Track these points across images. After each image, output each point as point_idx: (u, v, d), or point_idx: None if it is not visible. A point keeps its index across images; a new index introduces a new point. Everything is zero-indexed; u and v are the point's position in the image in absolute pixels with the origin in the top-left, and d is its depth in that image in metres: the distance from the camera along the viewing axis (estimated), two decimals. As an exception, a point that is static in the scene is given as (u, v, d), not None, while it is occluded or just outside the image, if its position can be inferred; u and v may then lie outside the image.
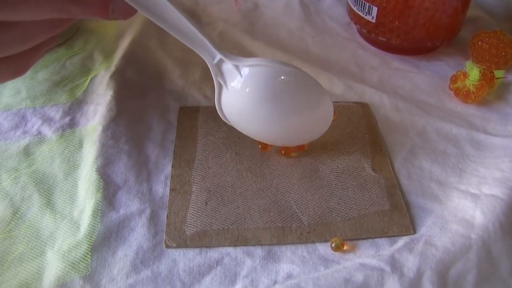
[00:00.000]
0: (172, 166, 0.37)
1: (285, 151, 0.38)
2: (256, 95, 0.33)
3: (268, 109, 0.34)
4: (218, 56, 0.33)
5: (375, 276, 0.29)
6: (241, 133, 0.36)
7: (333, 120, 0.36)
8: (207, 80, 0.34)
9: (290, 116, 0.34)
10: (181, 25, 0.32)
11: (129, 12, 0.32)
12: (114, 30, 0.51)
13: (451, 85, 0.45)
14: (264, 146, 0.38)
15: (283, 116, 0.34)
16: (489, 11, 0.58)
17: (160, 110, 0.42)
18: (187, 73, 0.46)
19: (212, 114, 0.41)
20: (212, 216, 0.33)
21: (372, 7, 0.47)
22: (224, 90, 0.34)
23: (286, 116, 0.34)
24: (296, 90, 0.34)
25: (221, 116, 0.35)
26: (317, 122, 0.36)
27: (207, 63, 0.33)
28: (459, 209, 0.34)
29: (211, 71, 0.34)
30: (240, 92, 0.33)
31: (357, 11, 0.49)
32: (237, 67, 0.33)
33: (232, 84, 0.33)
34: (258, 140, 0.37)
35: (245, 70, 0.33)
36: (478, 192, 0.35)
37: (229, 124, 0.36)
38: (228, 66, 0.33)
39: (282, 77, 0.33)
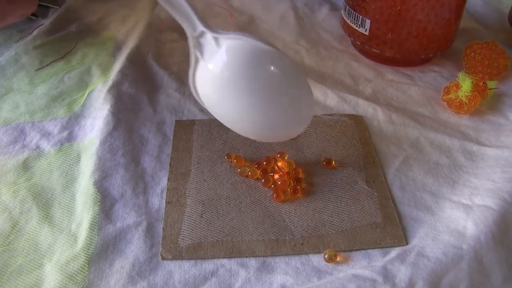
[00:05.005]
0: (168, 179, 0.37)
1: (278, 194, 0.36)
2: (231, 69, 0.32)
3: (242, 87, 0.33)
4: (200, 28, 0.33)
5: (367, 287, 0.30)
6: (235, 145, 0.36)
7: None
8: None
9: (264, 96, 0.33)
10: None
11: None
12: (112, 44, 0.52)
13: (444, 96, 0.45)
14: (266, 182, 0.37)
15: (257, 96, 0.33)
16: (482, 21, 0.58)
17: (157, 124, 0.43)
18: (183, 86, 0.47)
19: (207, 127, 0.41)
20: (207, 228, 0.34)
21: (366, 20, 0.47)
22: (200, 63, 0.34)
23: (260, 96, 0.33)
24: (273, 70, 0.33)
25: (193, 93, 0.35)
26: (294, 109, 0.34)
27: (187, 34, 0.33)
28: (451, 220, 0.34)
29: (190, 43, 0.33)
30: (216, 64, 0.33)
31: (350, 23, 0.50)
32: (216, 39, 0.33)
33: (209, 56, 0.33)
34: (228, 126, 0.35)
35: (224, 43, 0.33)
36: (470, 202, 0.35)
37: (200, 102, 0.35)
38: (208, 38, 0.33)
39: (260, 56, 0.32)
